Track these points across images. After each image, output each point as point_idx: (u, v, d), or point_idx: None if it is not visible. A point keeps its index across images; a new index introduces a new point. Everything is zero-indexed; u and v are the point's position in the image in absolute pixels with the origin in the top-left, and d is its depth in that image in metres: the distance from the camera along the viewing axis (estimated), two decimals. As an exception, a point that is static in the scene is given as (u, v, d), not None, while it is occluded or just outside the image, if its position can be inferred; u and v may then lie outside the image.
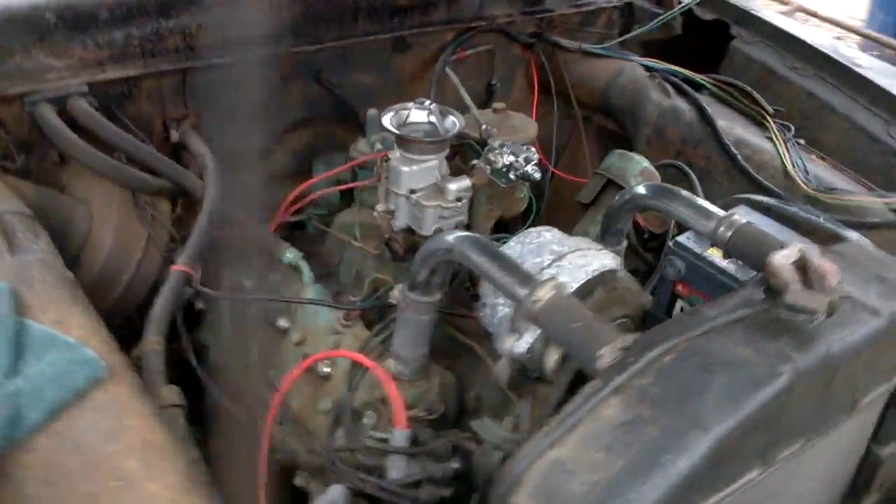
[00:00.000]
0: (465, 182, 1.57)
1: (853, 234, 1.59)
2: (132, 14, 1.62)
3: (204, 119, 1.80)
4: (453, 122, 1.60)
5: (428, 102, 1.58)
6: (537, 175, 1.67)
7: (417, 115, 1.59)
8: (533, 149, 1.70)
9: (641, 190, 1.40)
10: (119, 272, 1.54)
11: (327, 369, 1.55)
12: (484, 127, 1.79)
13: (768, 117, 1.96)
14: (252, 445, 1.49)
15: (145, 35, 1.65)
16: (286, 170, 2.01)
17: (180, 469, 1.01)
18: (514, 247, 1.34)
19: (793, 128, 1.94)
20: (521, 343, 1.22)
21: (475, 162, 1.64)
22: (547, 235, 1.35)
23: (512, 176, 1.67)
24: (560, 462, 0.84)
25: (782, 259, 0.99)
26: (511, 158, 1.66)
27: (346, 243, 1.75)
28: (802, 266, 0.98)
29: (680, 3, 2.27)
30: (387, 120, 1.55)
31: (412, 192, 1.55)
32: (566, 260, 1.28)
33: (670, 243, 1.67)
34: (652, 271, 1.83)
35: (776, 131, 1.92)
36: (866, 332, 0.95)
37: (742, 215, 1.70)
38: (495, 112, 1.92)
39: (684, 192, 1.36)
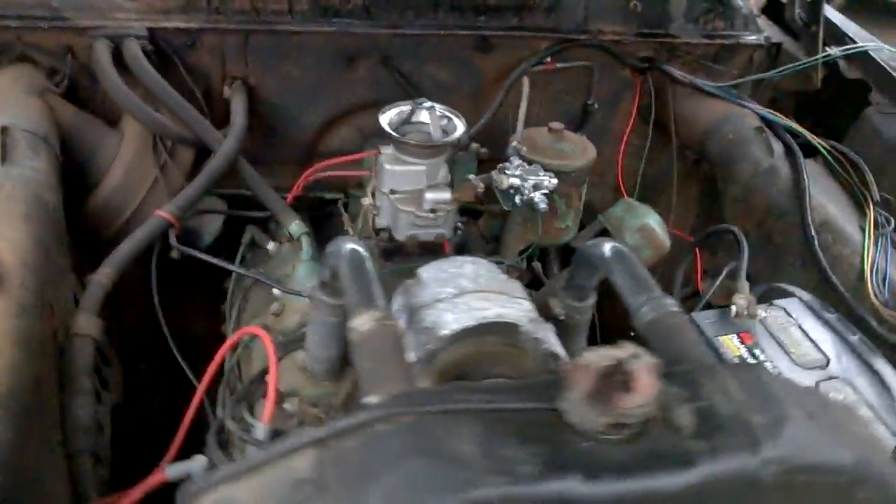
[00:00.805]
0: (443, 194, 1.48)
1: (879, 363, 1.30)
2: None
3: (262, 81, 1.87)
4: (454, 128, 1.50)
5: (428, 104, 1.50)
6: (542, 205, 1.53)
7: (422, 115, 1.52)
8: (553, 178, 1.56)
9: (600, 248, 1.22)
10: (122, 206, 1.65)
11: (290, 345, 1.55)
12: (513, 144, 1.67)
13: (871, 204, 1.63)
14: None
15: None
16: (351, 148, 2.02)
17: None
18: (428, 271, 1.24)
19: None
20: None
21: (470, 176, 1.53)
22: (468, 268, 1.23)
23: (517, 201, 1.55)
24: (229, 500, 0.77)
25: (594, 357, 0.81)
26: (516, 181, 1.53)
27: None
28: (612, 372, 0.81)
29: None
30: (386, 116, 1.49)
31: (392, 192, 1.49)
32: (465, 298, 1.16)
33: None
34: None
35: (872, 222, 1.59)
36: (645, 486, 0.75)
37: (778, 307, 1.48)
38: (550, 132, 1.78)
39: (634, 261, 1.16)
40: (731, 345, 1.45)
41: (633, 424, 0.78)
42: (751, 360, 1.39)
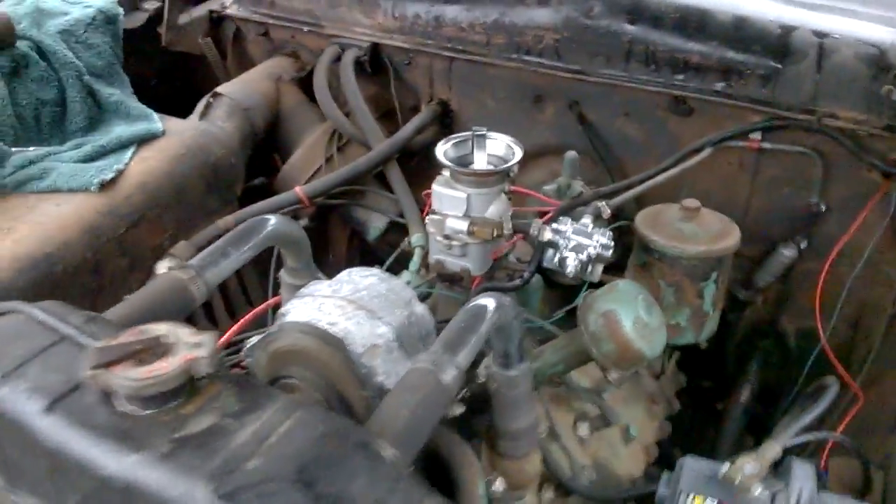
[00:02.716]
0: (459, 224, 1.41)
1: None
2: None
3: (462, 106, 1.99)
4: (502, 159, 1.43)
5: (482, 132, 1.45)
6: (569, 269, 1.36)
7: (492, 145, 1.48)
8: (607, 250, 1.35)
9: (483, 300, 1.07)
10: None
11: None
12: (599, 203, 1.48)
13: None
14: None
15: (428, 18, 1.91)
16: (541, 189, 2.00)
17: None
18: (343, 272, 1.23)
19: None
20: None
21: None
22: (366, 280, 1.18)
23: (553, 258, 1.40)
24: None
25: (159, 327, 0.81)
26: (554, 237, 1.38)
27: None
28: (151, 345, 0.78)
29: None
30: (448, 142, 1.48)
31: (433, 212, 1.48)
32: (329, 301, 1.13)
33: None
34: None
35: None
36: (78, 452, 0.71)
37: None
38: (682, 209, 1.52)
39: (511, 325, 1.01)
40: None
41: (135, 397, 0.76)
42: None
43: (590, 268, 1.38)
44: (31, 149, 1.65)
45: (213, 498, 0.68)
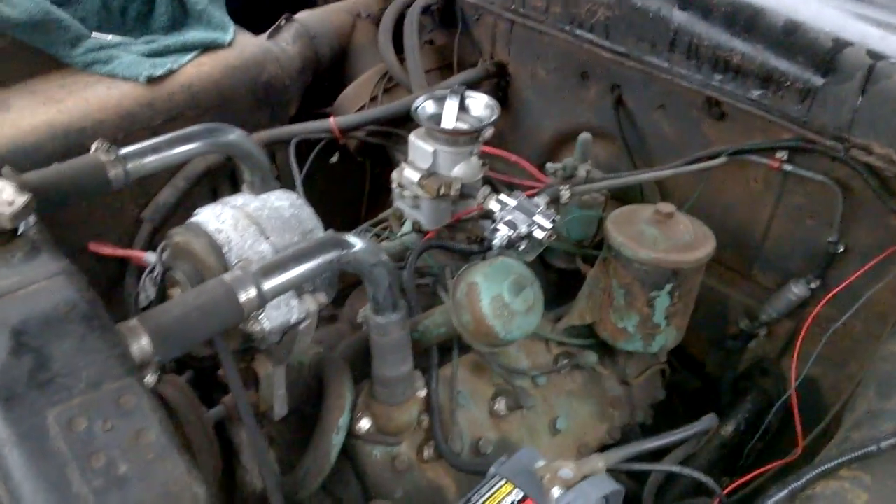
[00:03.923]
0: (413, 175, 1.43)
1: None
2: None
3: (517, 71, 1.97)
4: (480, 120, 1.43)
5: (458, 89, 1.44)
6: (496, 242, 1.33)
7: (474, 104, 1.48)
8: (542, 230, 1.32)
9: (348, 241, 1.11)
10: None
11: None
12: (561, 188, 1.43)
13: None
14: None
15: None
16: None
17: None
18: (266, 194, 1.30)
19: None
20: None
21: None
22: (273, 202, 1.25)
23: (489, 227, 1.39)
24: None
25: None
26: (495, 207, 1.37)
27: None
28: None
29: None
30: (435, 98, 1.49)
31: (405, 162, 1.52)
32: (232, 212, 1.22)
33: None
34: None
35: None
36: None
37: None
38: (655, 212, 1.43)
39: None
40: (496, 495, 1.09)
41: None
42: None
43: (522, 245, 1.35)
44: (110, 37, 1.87)
45: None
